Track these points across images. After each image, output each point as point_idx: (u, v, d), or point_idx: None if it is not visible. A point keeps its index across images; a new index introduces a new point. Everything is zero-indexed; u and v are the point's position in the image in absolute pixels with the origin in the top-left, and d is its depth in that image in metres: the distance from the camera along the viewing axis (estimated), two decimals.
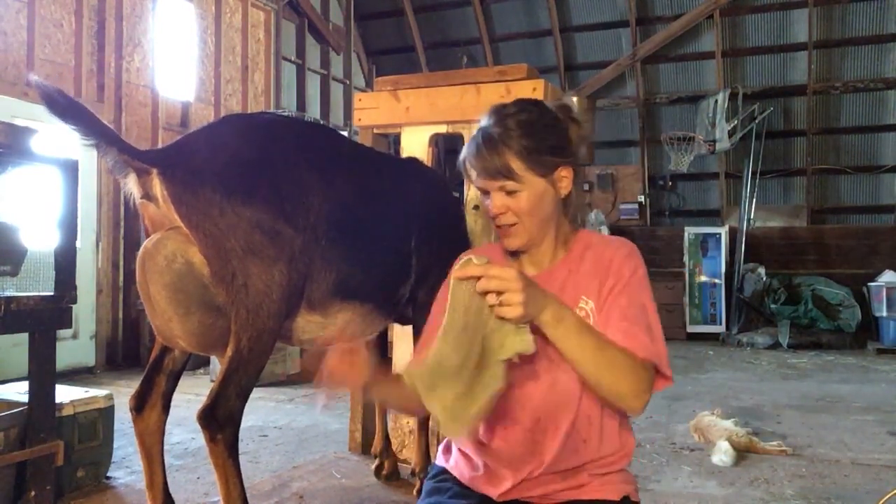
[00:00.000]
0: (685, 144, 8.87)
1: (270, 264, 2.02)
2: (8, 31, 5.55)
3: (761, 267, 8.79)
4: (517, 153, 1.42)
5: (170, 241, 2.00)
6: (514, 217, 1.44)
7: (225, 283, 1.98)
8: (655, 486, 3.20)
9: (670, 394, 5.32)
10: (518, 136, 1.43)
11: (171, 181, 1.98)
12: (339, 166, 2.35)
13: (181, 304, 2.00)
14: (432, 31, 10.50)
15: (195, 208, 1.96)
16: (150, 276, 2.00)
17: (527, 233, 1.46)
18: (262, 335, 2.03)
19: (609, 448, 1.46)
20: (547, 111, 1.49)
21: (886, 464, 3.55)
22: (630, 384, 1.34)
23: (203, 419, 2.01)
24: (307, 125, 2.97)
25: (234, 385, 2.02)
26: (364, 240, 2.32)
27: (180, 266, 1.99)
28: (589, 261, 1.48)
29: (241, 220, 1.98)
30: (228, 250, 1.97)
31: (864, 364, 6.96)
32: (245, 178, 2.04)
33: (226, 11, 7.66)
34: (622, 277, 1.44)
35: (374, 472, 3.24)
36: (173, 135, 6.97)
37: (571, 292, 1.45)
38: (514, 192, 1.43)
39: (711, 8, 8.90)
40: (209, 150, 2.09)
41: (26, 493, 2.68)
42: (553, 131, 1.47)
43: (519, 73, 3.28)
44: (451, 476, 1.54)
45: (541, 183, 1.44)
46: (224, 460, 2.02)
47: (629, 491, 1.48)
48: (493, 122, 1.45)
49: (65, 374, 5.48)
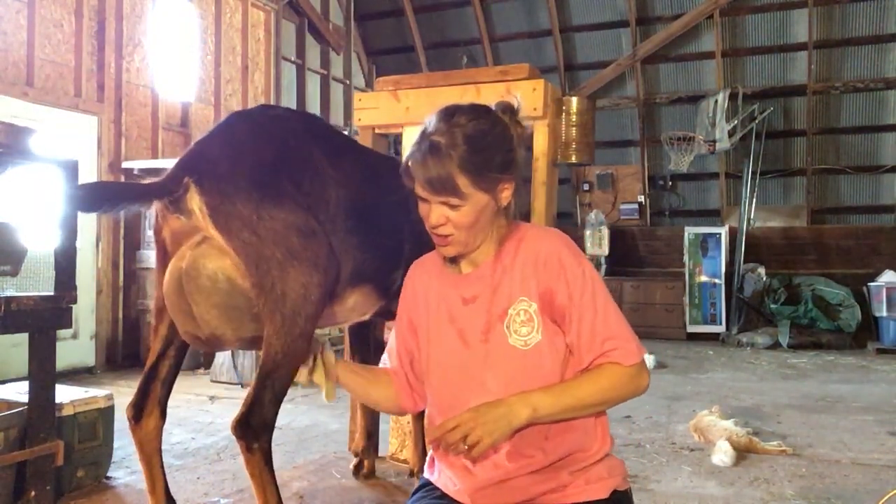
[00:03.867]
0: (685, 144, 8.87)
1: (310, 267, 1.99)
2: (8, 31, 5.55)
3: (761, 267, 8.80)
4: (464, 170, 1.36)
5: (208, 259, 1.94)
6: (451, 229, 1.41)
7: (265, 291, 1.93)
8: (655, 486, 3.20)
9: (670, 394, 5.33)
10: (466, 151, 1.36)
11: (207, 192, 1.91)
12: (346, 154, 2.34)
13: (233, 319, 1.96)
14: (432, 31, 10.49)
15: (233, 216, 1.90)
16: (195, 298, 1.94)
17: (463, 243, 1.44)
18: (297, 340, 1.96)
19: (582, 441, 1.44)
20: (497, 122, 1.42)
21: (886, 464, 3.55)
22: (629, 392, 1.43)
23: (239, 429, 1.94)
24: (310, 116, 2.94)
25: (269, 391, 1.96)
26: (372, 227, 2.31)
27: (225, 285, 1.93)
28: (523, 258, 1.46)
29: (276, 223, 1.93)
30: (268, 258, 1.92)
31: (864, 364, 6.96)
32: (270, 178, 1.99)
33: (226, 11, 7.66)
34: (575, 284, 1.41)
35: (352, 470, 3.25)
36: (173, 135, 6.98)
37: (506, 291, 1.45)
38: (456, 206, 1.39)
39: (711, 8, 8.90)
40: (232, 153, 2.02)
41: (26, 493, 2.68)
42: (501, 145, 1.41)
43: (520, 73, 3.28)
44: (437, 489, 1.54)
45: (484, 198, 1.40)
46: (261, 469, 1.96)
47: (616, 483, 1.46)
48: (442, 130, 1.38)
49: (65, 374, 5.49)
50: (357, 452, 3.26)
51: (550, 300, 1.42)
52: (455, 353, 1.48)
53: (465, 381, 1.45)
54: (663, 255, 9.71)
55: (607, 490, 1.44)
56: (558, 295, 1.42)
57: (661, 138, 9.20)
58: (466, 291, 1.50)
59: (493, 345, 1.44)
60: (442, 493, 1.52)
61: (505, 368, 1.42)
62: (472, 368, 1.45)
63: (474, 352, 1.46)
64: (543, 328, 1.42)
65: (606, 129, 9.61)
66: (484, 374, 1.44)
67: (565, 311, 1.42)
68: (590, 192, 10.14)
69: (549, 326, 1.42)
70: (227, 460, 3.52)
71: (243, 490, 3.05)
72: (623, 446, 3.73)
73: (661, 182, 9.79)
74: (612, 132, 9.89)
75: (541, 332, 1.42)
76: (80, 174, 2.87)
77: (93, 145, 6.17)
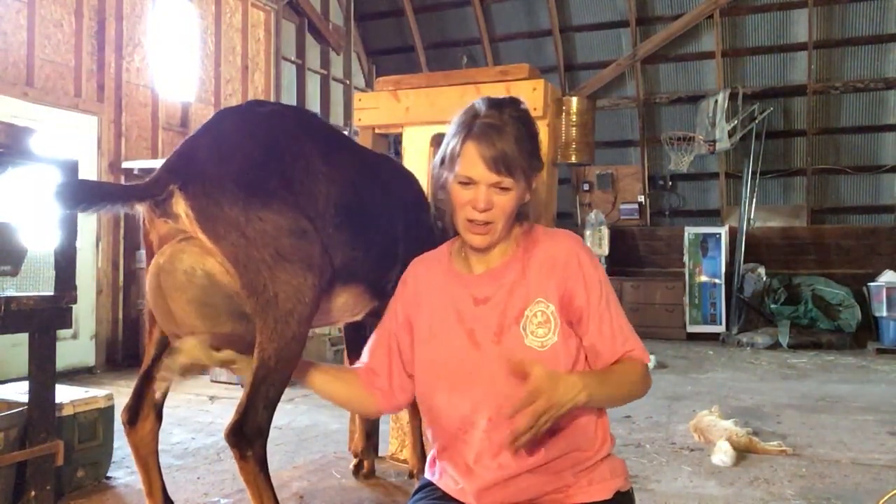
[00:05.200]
0: (685, 144, 8.87)
1: (303, 268, 1.94)
2: (8, 31, 5.55)
3: (761, 267, 8.80)
4: (521, 152, 1.41)
5: (185, 254, 1.89)
6: (495, 215, 1.42)
7: (256, 293, 1.89)
8: (655, 486, 3.20)
9: (670, 394, 5.33)
10: (523, 133, 1.42)
11: (193, 196, 1.87)
12: (339, 151, 2.30)
13: (209, 317, 1.91)
14: (432, 31, 10.49)
15: (220, 219, 1.86)
16: (170, 294, 1.89)
17: (497, 233, 1.45)
18: (290, 343, 1.92)
19: (583, 440, 1.45)
20: (530, 113, 1.50)
21: (886, 464, 3.55)
22: (645, 388, 1.46)
23: (232, 437, 1.90)
24: (302, 111, 2.91)
25: (262, 397, 1.92)
26: (364, 223, 2.27)
27: (201, 280, 1.89)
28: (538, 259, 1.47)
29: (265, 224, 1.89)
30: (258, 260, 1.88)
31: (864, 364, 6.96)
32: (259, 178, 1.95)
33: (226, 11, 7.66)
34: (593, 288, 1.44)
35: (352, 470, 3.25)
36: (173, 135, 6.97)
37: (522, 293, 1.45)
38: (507, 190, 1.41)
39: (711, 8, 8.90)
40: (219, 153, 1.98)
41: (26, 493, 2.68)
42: (537, 135, 1.49)
43: (520, 73, 3.27)
44: (438, 489, 1.54)
45: (523, 187, 1.44)
46: (255, 476, 1.94)
47: (619, 484, 1.47)
48: (495, 115, 1.42)
49: (65, 374, 5.49)
50: (356, 453, 3.26)
51: (570, 301, 1.43)
52: (462, 353, 1.47)
53: (473, 382, 1.45)
54: (663, 255, 9.71)
55: (610, 491, 1.45)
56: (577, 297, 1.43)
57: (661, 138, 9.21)
58: (479, 292, 1.49)
59: (507, 346, 1.43)
60: (443, 493, 1.51)
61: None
62: (481, 369, 1.44)
63: (485, 352, 1.45)
64: (560, 330, 1.42)
65: (606, 129, 9.61)
66: (495, 375, 1.42)
67: (582, 312, 1.43)
68: (590, 192, 10.14)
69: (564, 329, 1.43)
70: (227, 460, 3.52)
71: (243, 490, 3.03)
72: (623, 446, 3.73)
73: (661, 182, 9.79)
74: (612, 132, 9.89)
75: (557, 333, 1.42)
76: (80, 174, 2.87)
77: (93, 145, 6.17)
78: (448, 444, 1.49)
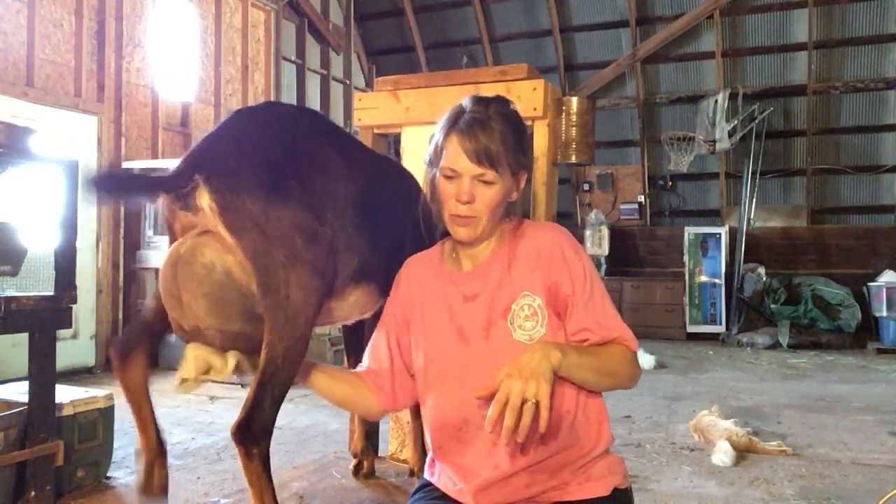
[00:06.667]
0: (685, 144, 8.88)
1: (311, 270, 1.97)
2: (8, 31, 5.55)
3: (761, 267, 8.80)
4: (505, 146, 1.41)
5: (207, 248, 1.91)
6: (477, 209, 1.42)
7: (270, 292, 1.90)
8: (655, 486, 3.20)
9: (670, 394, 5.33)
10: (507, 128, 1.43)
11: (217, 190, 1.88)
12: (352, 152, 2.33)
13: (220, 313, 1.92)
14: (432, 31, 10.50)
15: (243, 215, 1.88)
16: (184, 284, 1.90)
17: (481, 227, 1.45)
18: (297, 342, 1.94)
19: (581, 437, 1.44)
20: (518, 113, 1.51)
21: (886, 464, 3.55)
22: (633, 375, 1.44)
23: (239, 434, 1.91)
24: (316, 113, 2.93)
25: (268, 396, 1.93)
26: (377, 224, 2.29)
27: (220, 276, 1.90)
28: (523, 253, 1.48)
29: (282, 223, 1.91)
30: (275, 259, 1.90)
31: (864, 364, 6.96)
32: (279, 177, 1.97)
33: (226, 11, 7.66)
34: (578, 278, 1.44)
35: (352, 470, 3.25)
36: (173, 135, 6.98)
37: (509, 288, 1.46)
38: (490, 183, 1.41)
39: (711, 8, 8.90)
40: (241, 150, 2.00)
41: (26, 493, 2.68)
42: (524, 133, 1.49)
43: (519, 73, 3.28)
44: (437, 490, 1.54)
45: (509, 182, 1.45)
46: (259, 475, 1.94)
47: (617, 481, 1.46)
48: (481, 110, 1.43)
49: (65, 374, 5.48)
50: (356, 453, 3.26)
51: (556, 293, 1.44)
52: (453, 351, 1.48)
53: (464, 379, 1.45)
54: (663, 255, 9.71)
55: (608, 488, 1.44)
56: (563, 287, 1.43)
57: (661, 138, 9.21)
58: (467, 289, 1.50)
59: (496, 341, 1.44)
60: (442, 493, 1.51)
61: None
62: (472, 366, 1.45)
63: (474, 349, 1.46)
64: (549, 322, 1.42)
65: (606, 129, 9.61)
66: (485, 372, 1.42)
67: (568, 301, 1.43)
68: (590, 192, 10.14)
69: (553, 321, 1.43)
70: (227, 460, 3.52)
71: (243, 490, 3.04)
72: (623, 446, 3.73)
73: (661, 182, 9.79)
74: (612, 132, 9.90)
75: (545, 325, 1.42)
76: (80, 174, 2.87)
77: (93, 145, 6.17)
78: (444, 443, 1.49)
